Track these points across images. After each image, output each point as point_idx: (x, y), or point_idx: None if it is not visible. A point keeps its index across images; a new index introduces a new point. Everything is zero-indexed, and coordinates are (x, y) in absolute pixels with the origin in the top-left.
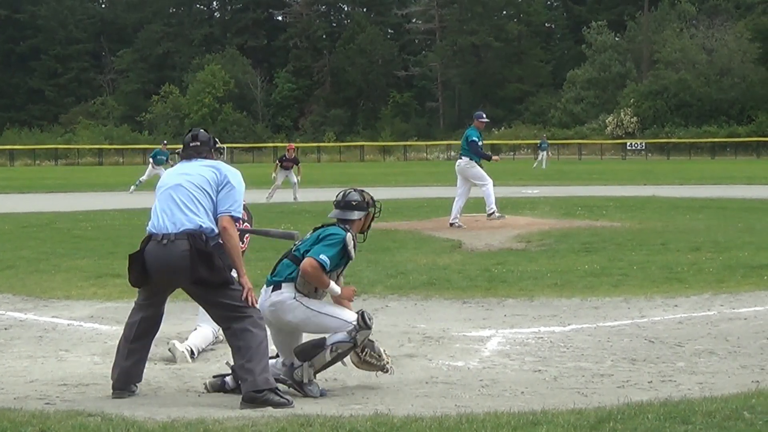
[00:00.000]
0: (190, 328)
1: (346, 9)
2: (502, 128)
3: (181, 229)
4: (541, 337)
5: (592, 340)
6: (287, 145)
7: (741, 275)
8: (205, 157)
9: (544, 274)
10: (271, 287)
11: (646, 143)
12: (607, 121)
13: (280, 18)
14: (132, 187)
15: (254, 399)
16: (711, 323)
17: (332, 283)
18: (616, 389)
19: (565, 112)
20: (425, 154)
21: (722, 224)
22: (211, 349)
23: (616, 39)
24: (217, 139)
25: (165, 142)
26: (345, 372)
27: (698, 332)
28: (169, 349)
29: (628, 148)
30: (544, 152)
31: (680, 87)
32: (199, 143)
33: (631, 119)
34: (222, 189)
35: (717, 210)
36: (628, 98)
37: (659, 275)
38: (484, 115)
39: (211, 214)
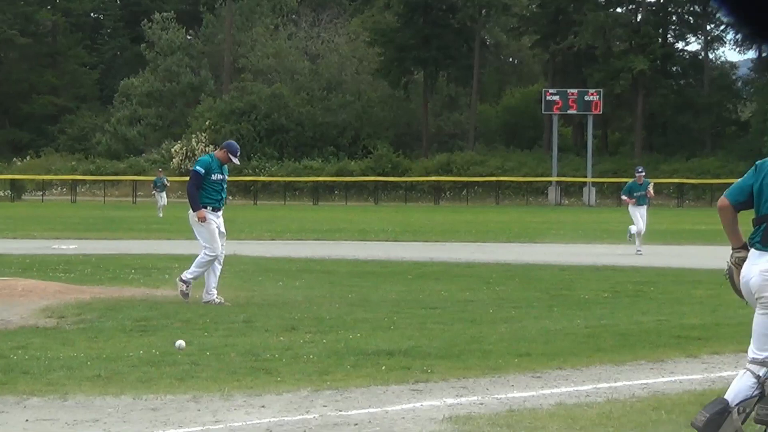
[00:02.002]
0: None
1: None
2: (28, 158)
3: None
4: None
5: None
6: None
7: (351, 364)
8: None
9: (83, 362)
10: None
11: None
12: (173, 150)
13: None
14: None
15: None
16: (310, 430)
17: None
18: None
19: (115, 136)
20: None
21: (327, 294)
22: None
23: (188, 38)
24: None
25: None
26: None
27: None
28: None
29: None
30: (163, 192)
31: (273, 105)
32: None
33: (206, 148)
34: None
35: (321, 275)
36: (203, 119)
37: (239, 365)
38: (238, 154)
39: None
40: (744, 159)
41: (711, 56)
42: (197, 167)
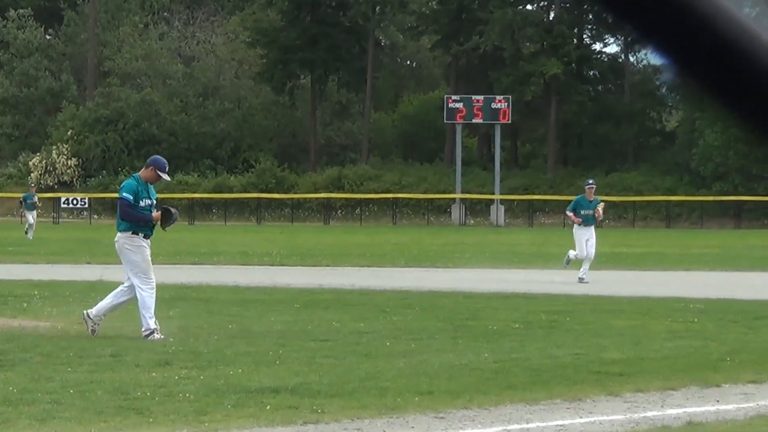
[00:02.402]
0: None
1: None
2: None
3: None
4: None
5: None
6: None
7: (232, 403)
8: None
9: None
10: None
11: (91, 199)
12: (31, 163)
13: None
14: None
15: None
16: None
17: None
18: None
19: None
20: None
21: (205, 325)
22: None
23: (48, 38)
24: None
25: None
26: None
27: None
28: None
29: (64, 206)
30: (33, 211)
31: (143, 113)
32: None
33: (69, 161)
34: None
35: (198, 303)
36: (64, 129)
37: (106, 403)
38: (167, 169)
39: None
40: (670, 173)
41: (632, 59)
42: (125, 194)
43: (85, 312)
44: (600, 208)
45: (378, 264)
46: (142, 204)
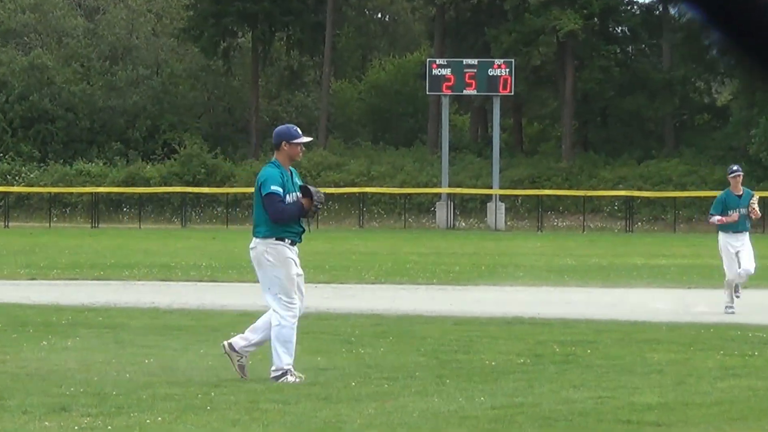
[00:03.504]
0: None
1: None
2: None
3: None
4: None
5: None
6: None
7: None
8: None
9: None
10: None
11: None
12: None
13: None
14: None
15: None
16: None
17: None
18: None
19: None
20: None
21: (114, 359)
22: None
23: None
24: None
25: None
26: None
27: None
28: None
29: None
30: None
31: (33, 82)
32: None
33: None
34: None
35: (104, 331)
36: None
37: None
38: (300, 132)
39: None
40: (721, 161)
41: (673, 11)
42: (273, 187)
43: (226, 343)
44: (754, 202)
45: (340, 280)
46: (288, 198)
